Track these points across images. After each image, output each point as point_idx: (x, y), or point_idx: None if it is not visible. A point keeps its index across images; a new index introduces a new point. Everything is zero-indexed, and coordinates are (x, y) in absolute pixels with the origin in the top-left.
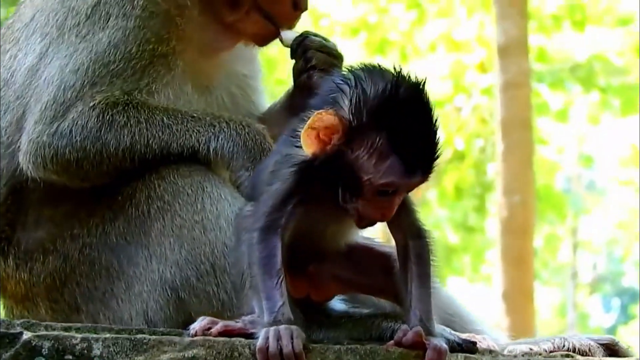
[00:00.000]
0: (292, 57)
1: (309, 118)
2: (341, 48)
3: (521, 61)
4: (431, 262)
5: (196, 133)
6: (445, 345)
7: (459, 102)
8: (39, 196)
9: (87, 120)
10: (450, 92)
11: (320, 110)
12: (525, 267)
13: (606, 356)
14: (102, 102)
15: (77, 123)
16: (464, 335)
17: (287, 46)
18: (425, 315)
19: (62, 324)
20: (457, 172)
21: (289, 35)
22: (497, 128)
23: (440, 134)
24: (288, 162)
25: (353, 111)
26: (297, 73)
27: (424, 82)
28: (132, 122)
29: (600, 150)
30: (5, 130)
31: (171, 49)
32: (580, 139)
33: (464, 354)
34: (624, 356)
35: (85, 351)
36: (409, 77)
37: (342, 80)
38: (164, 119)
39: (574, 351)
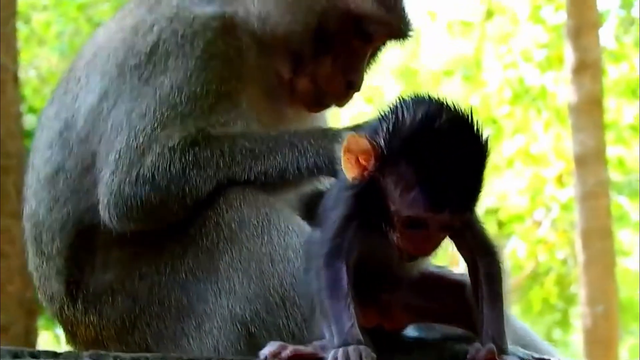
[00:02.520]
0: None
1: None
2: None
3: (599, 172)
4: (502, 280)
5: (281, 154)
6: None
7: (538, 216)
8: (107, 238)
9: (169, 164)
10: (529, 206)
11: (354, 133)
12: None
13: None
14: (181, 142)
15: (158, 167)
16: (538, 355)
17: None
18: (497, 333)
19: (131, 354)
20: (541, 286)
21: None
22: (577, 239)
23: (482, 171)
24: (345, 186)
25: (386, 137)
26: None
27: (469, 115)
28: (217, 154)
29: None
30: (70, 173)
31: (233, 87)
32: None
33: None
34: None
35: None
36: (455, 108)
37: (387, 108)
38: (246, 144)
39: None
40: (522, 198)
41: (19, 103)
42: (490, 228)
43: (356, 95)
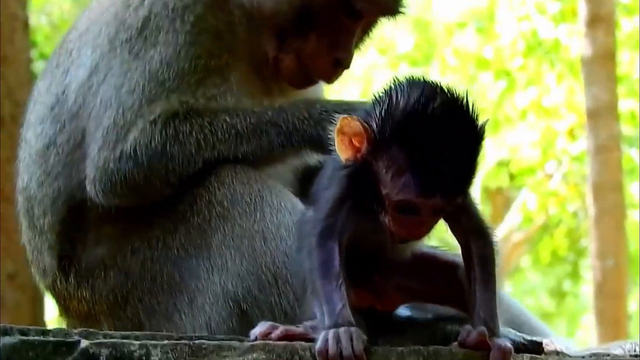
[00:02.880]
0: None
1: None
2: None
3: (611, 125)
4: (494, 263)
5: (265, 134)
6: (510, 345)
7: (550, 169)
8: (98, 213)
9: (151, 138)
10: (540, 159)
11: (346, 116)
12: (621, 331)
13: None
14: (162, 116)
15: (140, 142)
16: (530, 337)
17: None
18: (488, 315)
19: (121, 332)
20: (551, 238)
21: None
22: (588, 192)
23: (475, 155)
24: (339, 166)
25: (379, 121)
26: None
27: (466, 100)
28: (195, 130)
29: None
30: (62, 148)
31: (224, 62)
32: None
33: (529, 355)
34: None
35: (144, 357)
36: (449, 92)
37: (382, 90)
38: (227, 119)
39: None
40: (534, 151)
41: (28, 51)
42: (501, 180)
43: (346, 71)
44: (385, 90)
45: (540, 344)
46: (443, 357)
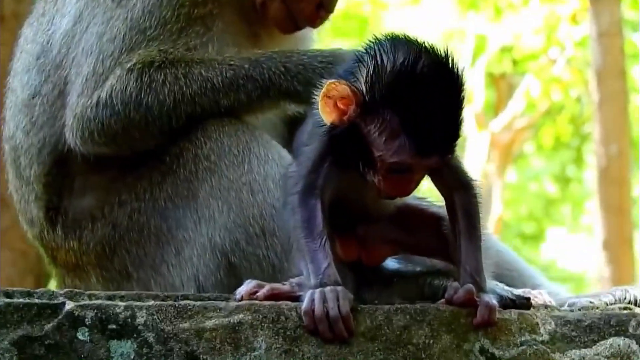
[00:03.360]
0: None
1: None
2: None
3: (613, 10)
4: (479, 216)
5: (243, 88)
6: (495, 302)
7: (553, 54)
8: (84, 163)
9: (126, 85)
10: (544, 44)
11: (334, 81)
12: (624, 216)
13: None
14: (138, 63)
15: (115, 89)
16: (518, 291)
17: None
18: (475, 270)
19: (107, 292)
20: (554, 124)
21: None
22: (591, 78)
23: (463, 113)
24: (320, 124)
25: (368, 84)
26: None
27: (450, 58)
28: (170, 80)
29: None
30: (47, 98)
31: (207, 11)
32: None
33: (517, 310)
34: None
35: (129, 319)
36: (433, 51)
37: (364, 51)
38: (202, 72)
39: (635, 303)
40: (537, 37)
41: None
42: (505, 66)
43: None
44: (368, 52)
45: (528, 299)
46: (430, 315)
